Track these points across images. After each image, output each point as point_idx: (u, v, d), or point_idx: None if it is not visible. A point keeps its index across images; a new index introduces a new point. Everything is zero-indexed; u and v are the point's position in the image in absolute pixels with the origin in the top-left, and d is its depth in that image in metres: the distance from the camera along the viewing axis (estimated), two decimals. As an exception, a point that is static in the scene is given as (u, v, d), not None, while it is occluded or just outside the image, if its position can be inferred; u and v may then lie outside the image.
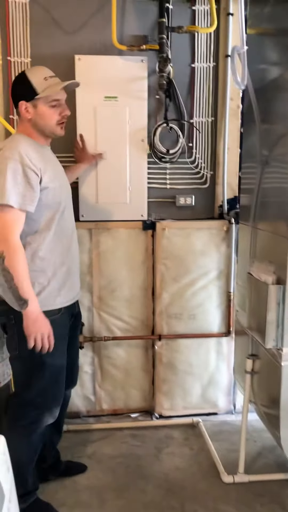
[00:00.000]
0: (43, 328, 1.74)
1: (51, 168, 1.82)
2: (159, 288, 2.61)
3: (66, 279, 1.91)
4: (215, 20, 2.34)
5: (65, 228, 1.90)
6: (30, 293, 1.71)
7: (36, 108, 1.80)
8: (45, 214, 1.81)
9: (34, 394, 1.86)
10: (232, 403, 2.79)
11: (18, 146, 1.73)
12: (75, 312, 2.07)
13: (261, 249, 2.16)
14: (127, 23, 2.41)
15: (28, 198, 1.71)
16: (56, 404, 1.93)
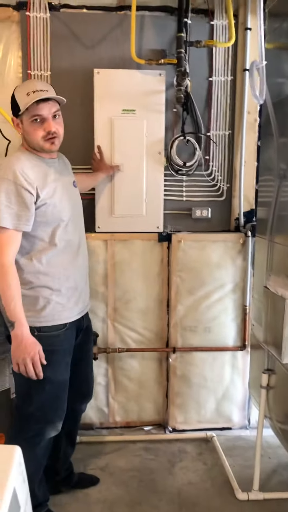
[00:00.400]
0: (27, 353, 1.69)
1: (53, 183, 1.80)
2: (174, 300, 2.60)
3: (72, 294, 1.89)
4: (233, 35, 2.35)
5: (70, 242, 1.88)
6: (17, 315, 1.68)
7: (23, 124, 1.79)
8: (46, 230, 1.79)
9: (34, 408, 1.83)
10: (247, 418, 2.75)
11: (14, 165, 1.71)
12: (83, 327, 2.02)
13: (278, 263, 2.15)
14: (145, 38, 2.44)
15: (24, 218, 1.70)
16: (58, 418, 1.90)
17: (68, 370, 1.92)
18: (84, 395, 2.17)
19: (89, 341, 2.14)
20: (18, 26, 2.39)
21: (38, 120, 1.76)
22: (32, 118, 1.76)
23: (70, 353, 1.94)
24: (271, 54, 2.18)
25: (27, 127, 1.78)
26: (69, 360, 1.92)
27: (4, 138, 2.36)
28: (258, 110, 2.51)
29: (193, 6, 2.43)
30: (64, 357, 1.85)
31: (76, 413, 2.17)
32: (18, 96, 1.77)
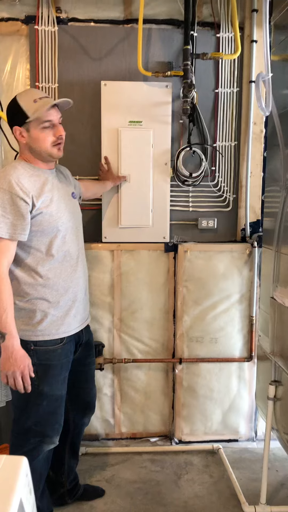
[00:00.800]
0: (17, 367, 1.68)
1: (49, 192, 1.79)
2: (180, 311, 2.59)
3: (70, 306, 1.87)
4: (239, 47, 2.38)
5: (68, 253, 1.86)
6: (8, 327, 1.66)
7: (29, 132, 1.77)
8: (42, 240, 1.78)
9: (31, 423, 1.82)
10: (254, 430, 2.73)
11: (9, 175, 1.70)
12: (82, 341, 2.00)
13: (285, 274, 2.14)
14: (152, 50, 2.47)
15: (19, 227, 1.69)
16: (55, 432, 1.88)
17: (65, 385, 1.90)
18: (86, 410, 2.16)
19: (89, 355, 2.11)
20: (26, 39, 2.42)
21: (48, 126, 1.78)
22: (43, 125, 1.76)
23: (68, 368, 1.91)
24: (276, 65, 2.20)
25: (36, 134, 1.77)
26: (66, 375, 1.90)
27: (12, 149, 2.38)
28: (264, 121, 2.53)
29: (199, 19, 2.46)
30: (61, 372, 1.84)
31: (79, 427, 2.16)
32: (24, 104, 1.76)
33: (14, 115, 1.79)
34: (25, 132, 1.78)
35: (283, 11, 2.14)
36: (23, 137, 1.78)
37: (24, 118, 1.75)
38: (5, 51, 2.44)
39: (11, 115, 1.80)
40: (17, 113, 1.77)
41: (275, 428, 2.22)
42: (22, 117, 1.76)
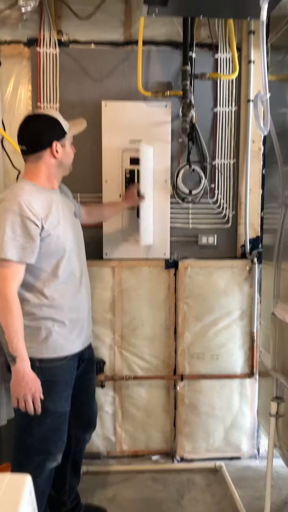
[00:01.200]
0: (28, 390, 1.68)
1: (55, 213, 1.79)
2: (181, 327, 2.60)
3: (74, 325, 1.87)
4: (236, 68, 2.43)
5: (72, 273, 1.87)
6: (19, 351, 1.66)
7: (64, 147, 1.83)
8: (49, 261, 1.78)
9: (34, 440, 1.80)
10: (256, 447, 2.71)
11: (19, 196, 1.70)
12: (85, 357, 2.01)
13: (285, 289, 2.15)
14: (152, 71, 2.51)
15: (29, 250, 1.69)
16: (58, 450, 1.87)
17: (69, 401, 1.90)
18: (87, 426, 2.15)
19: (91, 371, 2.11)
20: (28, 61, 2.48)
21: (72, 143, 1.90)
22: (71, 140, 1.88)
23: (71, 384, 1.91)
24: (274, 85, 2.24)
25: (68, 150, 1.86)
26: (70, 392, 1.90)
27: (14, 168, 2.42)
28: (262, 139, 2.57)
29: (197, 40, 2.51)
30: (65, 388, 1.83)
31: (80, 443, 2.14)
32: (60, 120, 1.82)
33: (55, 130, 1.82)
34: (60, 147, 1.82)
35: (280, 33, 2.19)
36: (58, 153, 1.81)
37: (64, 133, 1.83)
38: (8, 73, 2.49)
39: (51, 130, 1.81)
40: (58, 129, 1.82)
41: (277, 446, 2.21)
42: (62, 133, 1.83)
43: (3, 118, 2.43)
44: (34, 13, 2.38)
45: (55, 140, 1.80)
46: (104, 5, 2.18)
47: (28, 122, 1.84)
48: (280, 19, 2.17)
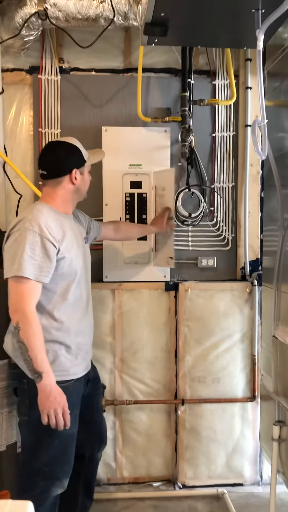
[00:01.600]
0: (57, 404, 1.68)
1: (69, 237, 1.82)
2: (182, 350, 2.58)
3: (80, 349, 1.88)
4: (234, 94, 2.49)
5: (80, 297, 1.89)
6: (44, 366, 1.67)
7: (83, 174, 1.90)
8: (60, 284, 1.80)
9: (41, 463, 1.78)
10: (259, 473, 2.66)
11: (39, 217, 1.73)
12: (90, 377, 2.02)
13: (286, 312, 2.15)
14: (151, 97, 2.57)
15: (45, 270, 1.71)
16: (65, 475, 1.84)
17: (77, 423, 1.89)
18: (99, 443, 2.15)
19: (96, 388, 2.13)
20: (30, 88, 2.53)
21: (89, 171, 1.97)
22: (89, 169, 1.96)
23: (78, 406, 1.91)
24: (271, 111, 2.29)
25: (86, 177, 1.94)
26: (78, 413, 1.89)
27: (16, 192, 2.44)
28: (261, 163, 2.60)
29: (195, 67, 2.57)
30: (72, 409, 1.81)
31: (93, 462, 2.13)
32: (81, 148, 1.89)
33: (75, 158, 1.88)
34: (79, 175, 1.88)
35: (276, 61, 2.25)
36: (76, 180, 1.87)
37: (83, 162, 1.90)
38: (10, 99, 2.54)
39: (72, 158, 1.88)
40: (79, 157, 1.89)
41: (281, 471, 2.18)
42: (82, 160, 1.89)
43: (5, 143, 2.46)
44: (36, 41, 2.45)
45: (75, 167, 1.86)
46: (105, 34, 2.24)
47: (50, 148, 1.91)
48: (276, 47, 2.22)
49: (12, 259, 1.68)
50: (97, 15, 2.18)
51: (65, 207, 1.89)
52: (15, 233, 1.72)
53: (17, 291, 1.68)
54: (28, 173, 2.54)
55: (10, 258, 1.69)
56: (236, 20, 1.84)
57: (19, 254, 1.67)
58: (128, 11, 2.15)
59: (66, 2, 2.15)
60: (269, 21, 1.50)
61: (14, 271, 1.66)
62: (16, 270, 1.66)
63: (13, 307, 1.69)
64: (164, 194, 2.44)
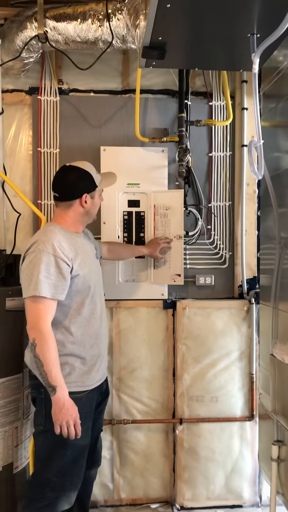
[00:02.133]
0: (70, 416, 1.75)
1: (81, 255, 1.90)
2: (180, 369, 2.57)
3: (95, 361, 1.95)
4: (230, 115, 2.53)
5: (95, 311, 1.96)
6: (58, 380, 1.74)
7: (93, 198, 1.97)
8: (75, 299, 1.88)
9: (52, 473, 1.84)
10: (258, 494, 2.63)
11: (52, 239, 1.82)
12: (102, 389, 2.08)
13: (283, 330, 2.15)
14: (149, 118, 2.61)
15: (60, 288, 1.80)
16: (73, 488, 1.88)
17: (89, 434, 1.94)
18: (93, 461, 2.13)
19: (103, 403, 2.17)
20: (30, 108, 2.57)
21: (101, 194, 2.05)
22: (101, 192, 2.04)
23: (91, 417, 1.96)
24: (267, 131, 2.32)
25: (97, 201, 2.01)
26: (90, 425, 1.95)
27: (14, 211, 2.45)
28: (257, 182, 2.63)
29: (192, 89, 2.62)
30: (85, 421, 1.86)
31: (87, 480, 2.12)
32: (93, 174, 1.96)
33: (86, 183, 1.95)
34: (89, 199, 1.95)
35: (271, 83, 2.29)
36: (86, 203, 1.94)
37: (94, 186, 1.97)
38: (9, 119, 2.57)
39: (83, 183, 1.95)
40: (90, 182, 1.96)
41: (280, 492, 2.15)
42: (93, 185, 1.96)
43: (4, 162, 2.48)
44: (36, 63, 2.50)
45: (85, 192, 1.94)
46: (103, 56, 2.29)
47: (63, 172, 1.98)
48: (271, 70, 2.27)
49: (29, 280, 1.77)
50: (96, 38, 2.23)
51: (76, 227, 1.97)
52: (30, 255, 1.80)
53: (34, 310, 1.77)
54: (27, 192, 2.57)
55: (27, 279, 1.78)
56: (232, 44, 1.88)
57: (35, 275, 1.76)
58: (126, 35, 2.20)
59: (65, 26, 2.20)
60: (264, 46, 1.54)
61: (31, 291, 1.75)
62: (33, 290, 1.75)
63: (30, 324, 1.78)
64: (168, 213, 2.49)
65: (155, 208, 2.51)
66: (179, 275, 2.47)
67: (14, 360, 2.08)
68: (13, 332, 2.10)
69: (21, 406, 2.13)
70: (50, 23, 2.20)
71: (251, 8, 1.57)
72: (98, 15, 2.17)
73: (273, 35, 1.45)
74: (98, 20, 2.18)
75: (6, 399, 2.06)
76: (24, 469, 2.17)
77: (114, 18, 2.16)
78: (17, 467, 2.11)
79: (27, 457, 2.20)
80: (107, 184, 2.09)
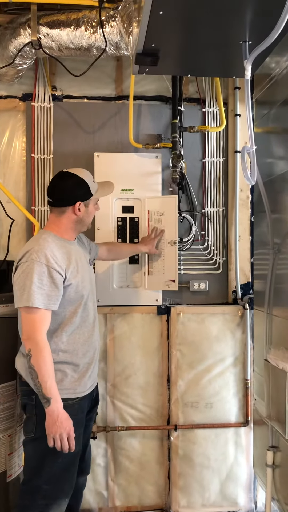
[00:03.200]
0: (63, 429, 1.74)
1: (74, 263, 1.89)
2: (175, 375, 2.57)
3: (87, 368, 1.95)
4: (223, 121, 2.54)
5: (87, 318, 1.96)
6: (53, 392, 1.73)
7: (87, 207, 1.95)
8: (68, 308, 1.87)
9: (43, 481, 1.82)
10: (253, 500, 2.62)
11: (45, 248, 1.80)
12: (93, 396, 2.08)
13: (278, 335, 2.16)
14: (142, 124, 2.62)
15: (54, 298, 1.79)
16: (64, 496, 1.87)
17: (81, 441, 1.92)
18: (82, 467, 2.11)
19: (93, 410, 2.16)
20: (23, 114, 2.57)
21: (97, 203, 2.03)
22: (96, 201, 2.02)
23: (83, 424, 1.95)
24: (260, 137, 2.34)
25: (91, 210, 1.98)
26: (82, 432, 1.93)
27: (8, 217, 2.45)
28: (250, 188, 2.64)
29: (185, 95, 2.63)
30: (76, 427, 1.84)
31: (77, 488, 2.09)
32: (89, 182, 1.94)
33: (81, 191, 1.93)
34: (83, 207, 1.93)
35: (263, 90, 2.31)
36: (79, 212, 1.92)
37: (89, 195, 1.94)
38: (3, 125, 2.57)
39: (77, 190, 1.92)
40: (84, 190, 1.93)
41: (275, 498, 2.14)
42: (87, 194, 1.94)
43: (-3, 168, 2.49)
44: (30, 70, 2.50)
45: (79, 200, 1.92)
46: (97, 63, 2.30)
47: (60, 178, 1.97)
48: (263, 76, 2.29)
49: (21, 290, 1.75)
50: (90, 45, 2.23)
51: (69, 235, 1.96)
52: (23, 265, 1.79)
53: (29, 321, 1.76)
54: (20, 198, 2.56)
55: (20, 289, 1.76)
56: (225, 51, 1.89)
57: (27, 285, 1.74)
58: (119, 42, 2.21)
59: (59, 33, 2.21)
60: (256, 52, 1.55)
61: (24, 301, 1.74)
62: (26, 301, 1.73)
63: (25, 334, 1.77)
64: (162, 219, 2.49)
65: (149, 214, 2.51)
66: (173, 281, 2.47)
67: (7, 367, 2.06)
68: (6, 338, 2.08)
69: (14, 414, 2.12)
70: (43, 30, 2.21)
71: (243, 15, 1.58)
72: (92, 22, 2.18)
73: (265, 42, 1.46)
74: (91, 27, 2.19)
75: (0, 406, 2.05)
76: (17, 478, 2.14)
77: (108, 25, 2.17)
78: (11, 476, 2.09)
79: (20, 465, 2.17)
80: (103, 194, 2.07)
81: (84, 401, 1.95)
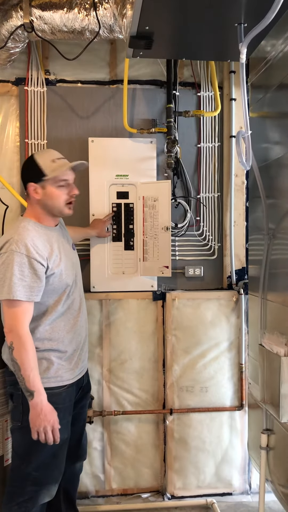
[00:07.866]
0: (47, 422, 1.72)
1: (57, 251, 1.85)
2: (170, 360, 2.58)
3: (73, 356, 1.93)
4: (219, 105, 2.53)
5: (72, 305, 1.93)
6: (36, 385, 1.71)
7: (45, 189, 1.84)
8: (52, 297, 1.84)
9: (32, 468, 1.81)
10: (248, 482, 2.66)
11: (24, 238, 1.75)
12: (83, 383, 2.06)
13: (272, 320, 2.17)
14: (137, 109, 2.59)
15: (36, 289, 1.75)
16: (53, 481, 1.87)
17: (69, 429, 1.92)
18: (77, 455, 2.14)
19: (85, 398, 2.15)
20: (16, 99, 2.54)
21: (64, 185, 1.87)
22: (59, 183, 1.85)
23: (71, 412, 1.94)
24: (255, 122, 2.32)
25: (51, 192, 1.84)
26: (70, 419, 1.92)
27: (2, 203, 2.43)
28: (245, 173, 2.64)
29: (180, 79, 2.60)
30: (65, 415, 1.84)
31: (73, 474, 2.13)
32: (42, 162, 1.84)
33: (30, 172, 1.86)
34: (40, 189, 1.84)
35: (259, 74, 2.29)
36: (37, 194, 1.85)
37: (41, 176, 1.83)
38: (-4, 110, 2.54)
39: (27, 172, 1.88)
40: (34, 171, 1.84)
41: (269, 480, 2.18)
42: (39, 175, 1.83)
43: (-10, 154, 2.46)
44: (22, 53, 2.46)
45: (30, 181, 1.85)
46: (90, 46, 2.26)
47: None
48: (259, 60, 2.27)
49: (2, 282, 1.71)
50: (83, 28, 2.20)
51: (47, 221, 1.90)
52: (2, 256, 1.74)
53: (10, 314, 1.72)
54: (14, 184, 2.54)
55: (0, 281, 1.71)
56: (220, 34, 1.87)
57: (8, 277, 1.70)
58: (113, 24, 2.18)
59: (52, 15, 2.17)
60: (251, 35, 1.53)
61: (5, 294, 1.70)
62: (7, 293, 1.69)
63: (7, 327, 1.73)
64: (156, 204, 2.48)
65: (144, 199, 2.51)
66: (167, 267, 2.47)
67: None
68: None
69: (10, 399, 2.13)
70: (36, 12, 2.17)
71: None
72: (85, 4, 2.14)
73: (260, 24, 1.44)
74: (84, 9, 2.15)
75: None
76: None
77: (101, 7, 2.13)
78: (8, 460, 2.11)
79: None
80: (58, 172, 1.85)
81: (72, 389, 1.93)
